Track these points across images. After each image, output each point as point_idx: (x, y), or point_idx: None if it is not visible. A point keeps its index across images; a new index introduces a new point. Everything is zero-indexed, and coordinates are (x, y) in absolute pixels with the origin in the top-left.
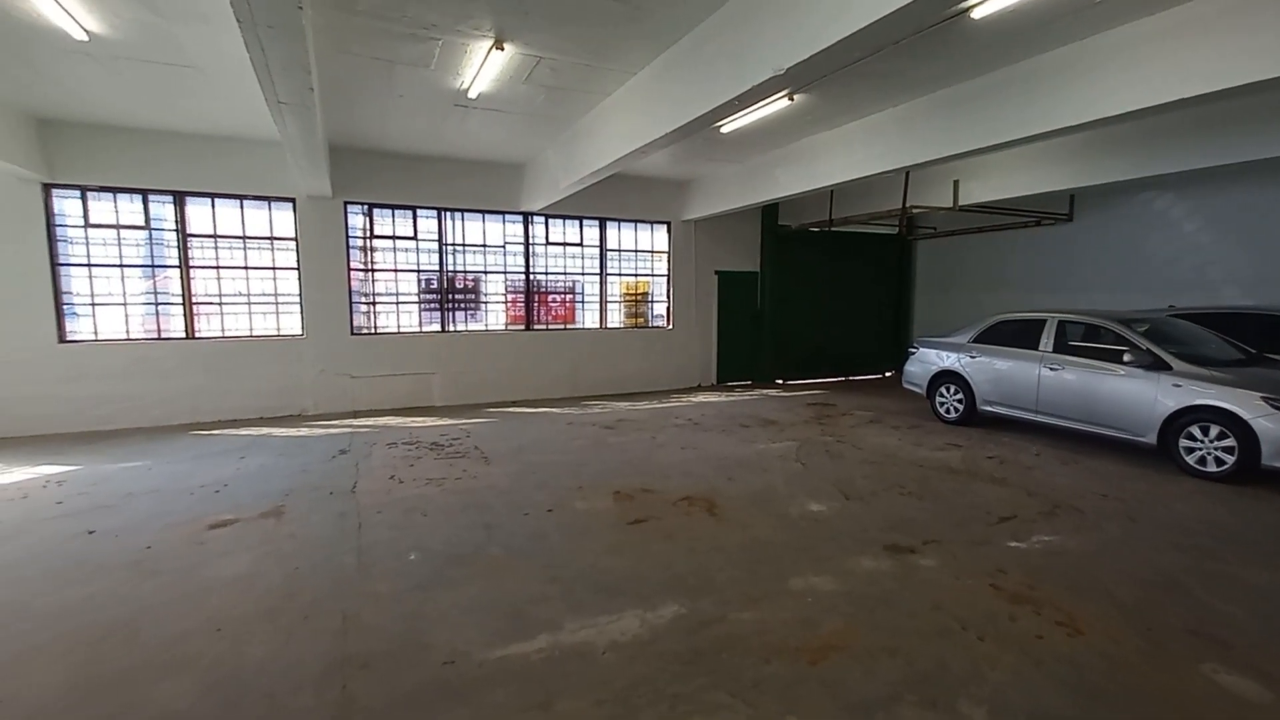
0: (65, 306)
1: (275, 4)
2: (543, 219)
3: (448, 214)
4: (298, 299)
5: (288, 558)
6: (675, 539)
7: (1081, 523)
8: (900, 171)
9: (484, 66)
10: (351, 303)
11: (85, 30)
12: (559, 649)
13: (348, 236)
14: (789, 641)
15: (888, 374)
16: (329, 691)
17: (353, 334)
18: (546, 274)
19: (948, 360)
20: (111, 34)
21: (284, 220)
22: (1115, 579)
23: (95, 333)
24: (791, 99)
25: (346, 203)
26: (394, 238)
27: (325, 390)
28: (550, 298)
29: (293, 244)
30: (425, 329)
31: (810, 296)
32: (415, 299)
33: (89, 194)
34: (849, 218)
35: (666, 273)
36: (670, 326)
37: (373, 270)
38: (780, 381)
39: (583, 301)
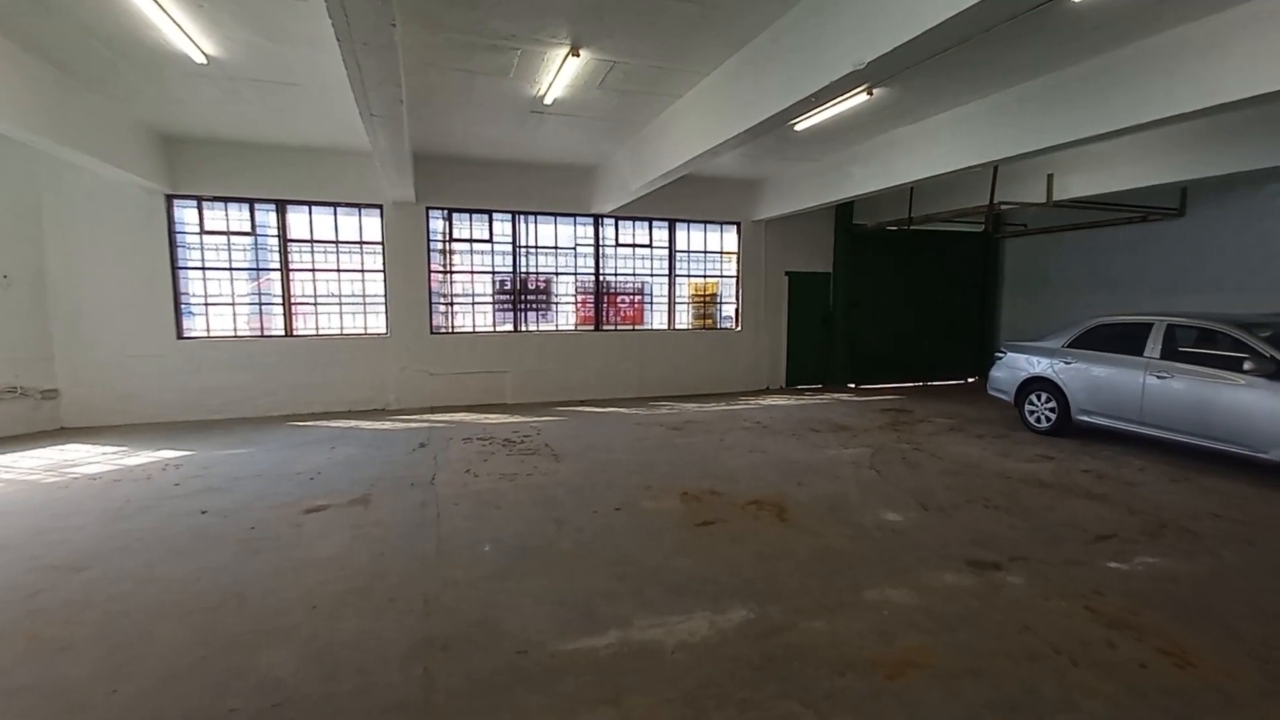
0: (183, 306)
1: (370, 23)
2: (612, 221)
3: (521, 217)
4: (383, 299)
5: (374, 542)
6: (744, 543)
7: (1194, 546)
8: (989, 166)
9: (559, 73)
10: (431, 303)
11: (205, 54)
12: (628, 645)
13: (429, 240)
14: (864, 654)
15: (970, 380)
16: (413, 669)
17: (432, 333)
18: (616, 275)
19: (1039, 366)
20: (227, 57)
21: (372, 225)
22: (1232, 608)
23: (208, 330)
24: (870, 93)
25: (428, 208)
26: (471, 240)
27: (406, 386)
28: (619, 299)
29: (379, 248)
30: (499, 329)
31: (886, 298)
32: (490, 299)
33: (204, 203)
34: (930, 216)
35: (735, 274)
36: (738, 328)
37: (451, 272)
38: (853, 386)
39: (651, 302)
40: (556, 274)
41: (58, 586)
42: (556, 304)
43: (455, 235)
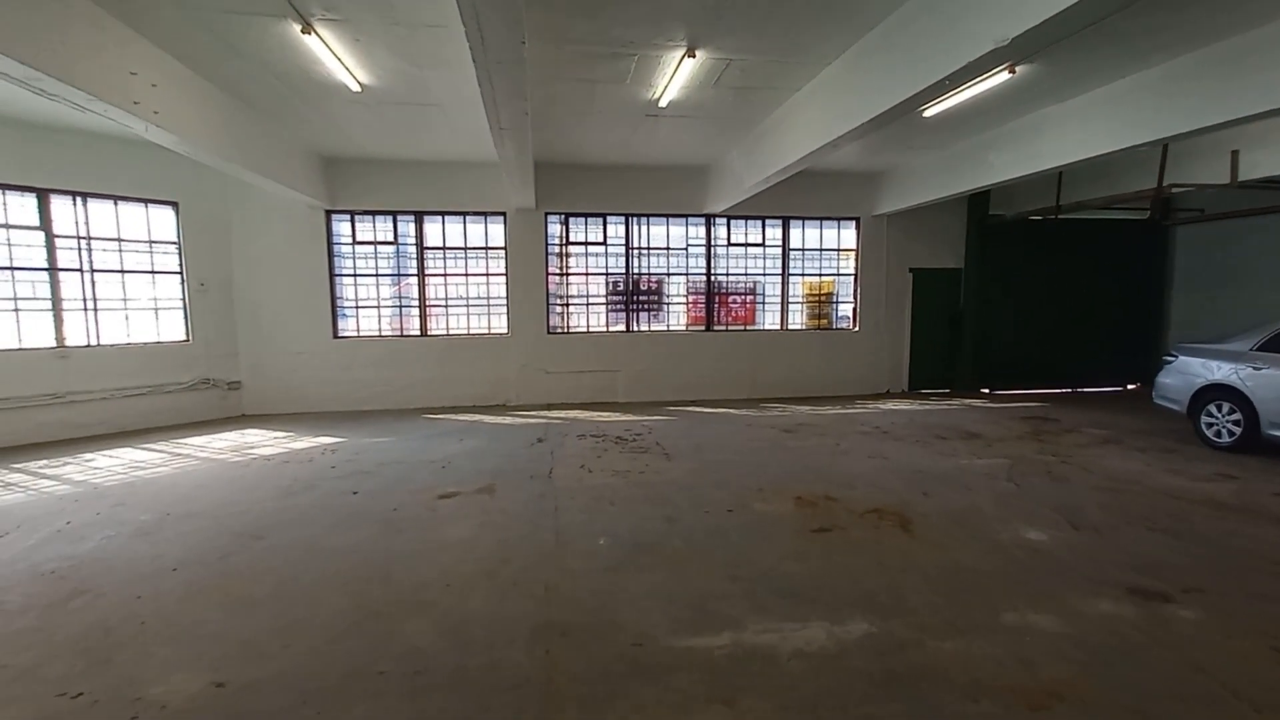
0: (338, 309)
1: (503, 42)
2: (724, 220)
3: (634, 219)
4: (505, 301)
5: (499, 529)
6: (863, 552)
7: None
8: (1156, 145)
9: (675, 75)
10: (548, 304)
11: (360, 83)
12: (742, 648)
13: (547, 244)
14: (1000, 681)
15: (1129, 387)
16: (536, 651)
17: (549, 333)
18: (727, 275)
19: (1219, 372)
20: (378, 84)
21: (496, 232)
22: None
23: (357, 330)
24: (1013, 71)
25: (547, 213)
26: (586, 243)
27: (525, 383)
28: (730, 299)
29: (502, 252)
30: (611, 329)
31: (1026, 295)
32: (603, 300)
33: (356, 217)
34: (1082, 203)
35: (854, 271)
36: (856, 328)
37: (567, 274)
38: (986, 391)
39: (763, 302)
40: (668, 274)
41: (243, 551)
42: (668, 304)
43: (571, 239)
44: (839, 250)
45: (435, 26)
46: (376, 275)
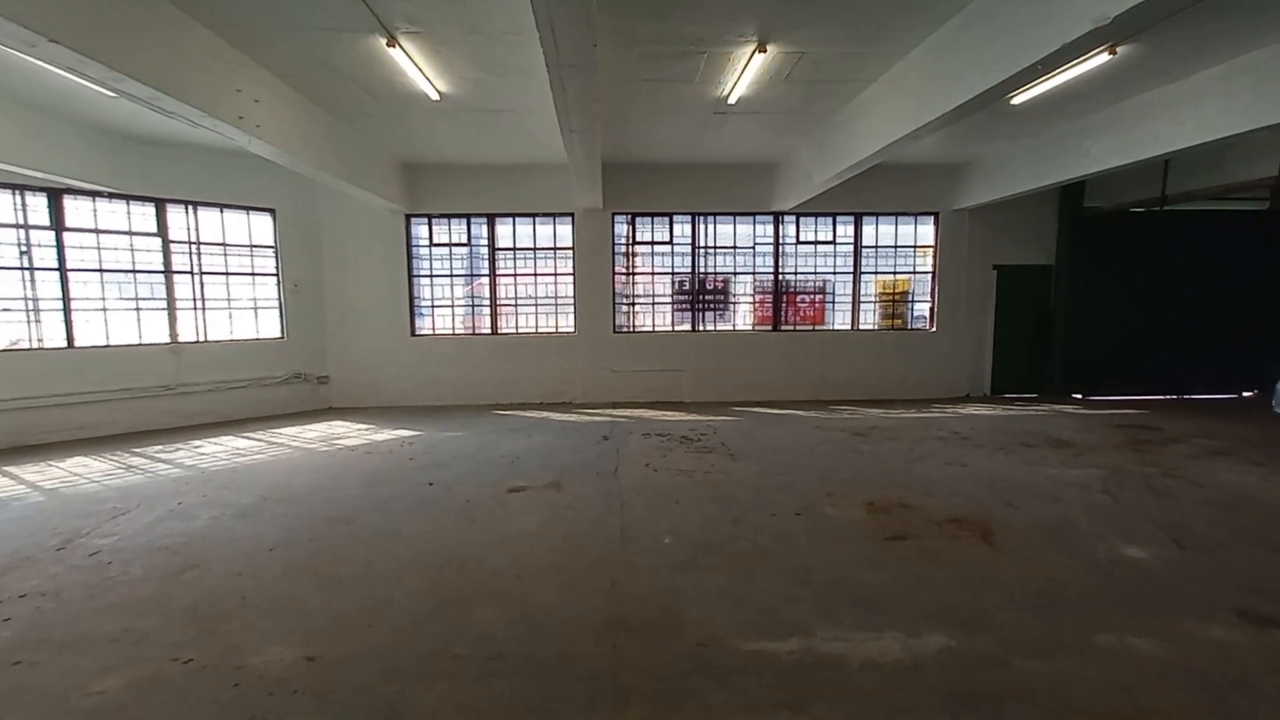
0: (415, 308)
1: (576, 46)
2: (793, 218)
3: (701, 218)
4: (572, 301)
5: (566, 524)
6: (941, 563)
7: None
8: (1278, 130)
9: (745, 71)
10: (615, 303)
11: (439, 92)
12: (811, 655)
13: (613, 244)
14: (1097, 707)
15: (1245, 394)
16: (604, 644)
17: (614, 332)
18: (796, 274)
19: None
20: (456, 92)
21: (564, 232)
22: None
23: (433, 329)
24: (1113, 52)
25: (614, 213)
26: (652, 243)
27: (591, 381)
28: (799, 298)
29: (570, 252)
30: (677, 328)
31: (1124, 292)
32: (669, 300)
33: (433, 220)
34: (1191, 193)
35: (931, 269)
36: (933, 329)
37: (633, 273)
38: (1079, 396)
39: (833, 302)
40: (735, 274)
41: (332, 534)
42: (734, 304)
43: (638, 238)
44: (915, 247)
45: (510, 34)
46: (451, 276)
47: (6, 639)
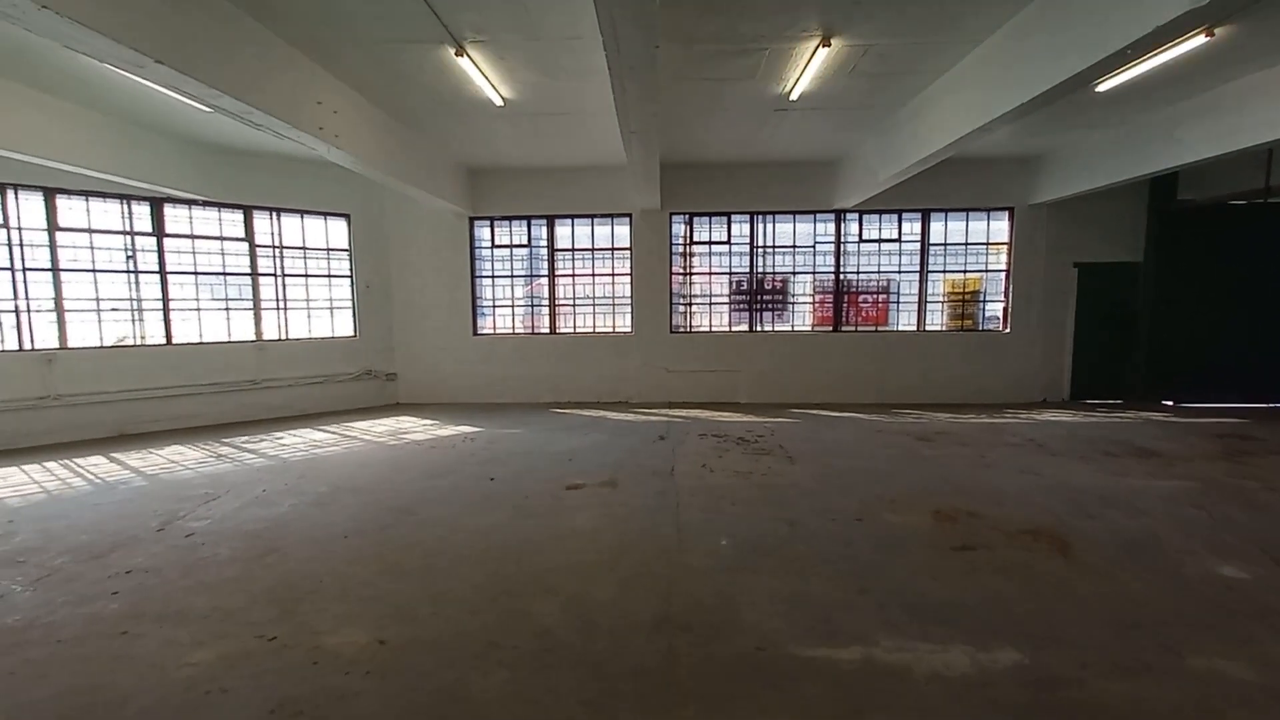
0: (477, 308)
1: (637, 47)
2: (855, 215)
3: (759, 217)
4: (629, 301)
5: (621, 522)
6: (1012, 576)
7: None
8: None
9: (807, 66)
10: (671, 303)
11: (502, 97)
12: (873, 665)
13: (670, 244)
14: None
15: None
16: (658, 643)
17: (671, 332)
18: (858, 273)
19: None
20: (518, 97)
21: (622, 233)
22: None
23: (494, 328)
24: (1210, 34)
25: (671, 213)
26: (709, 243)
27: (646, 381)
28: (861, 298)
29: (628, 253)
30: (734, 329)
31: (1219, 292)
32: (726, 300)
33: (495, 222)
34: None
35: (1005, 267)
36: (1006, 329)
37: (690, 273)
38: (1169, 403)
39: (897, 301)
40: (794, 273)
41: (398, 524)
42: (793, 304)
43: (695, 238)
44: (987, 244)
45: (572, 39)
46: (511, 276)
47: (115, 610)
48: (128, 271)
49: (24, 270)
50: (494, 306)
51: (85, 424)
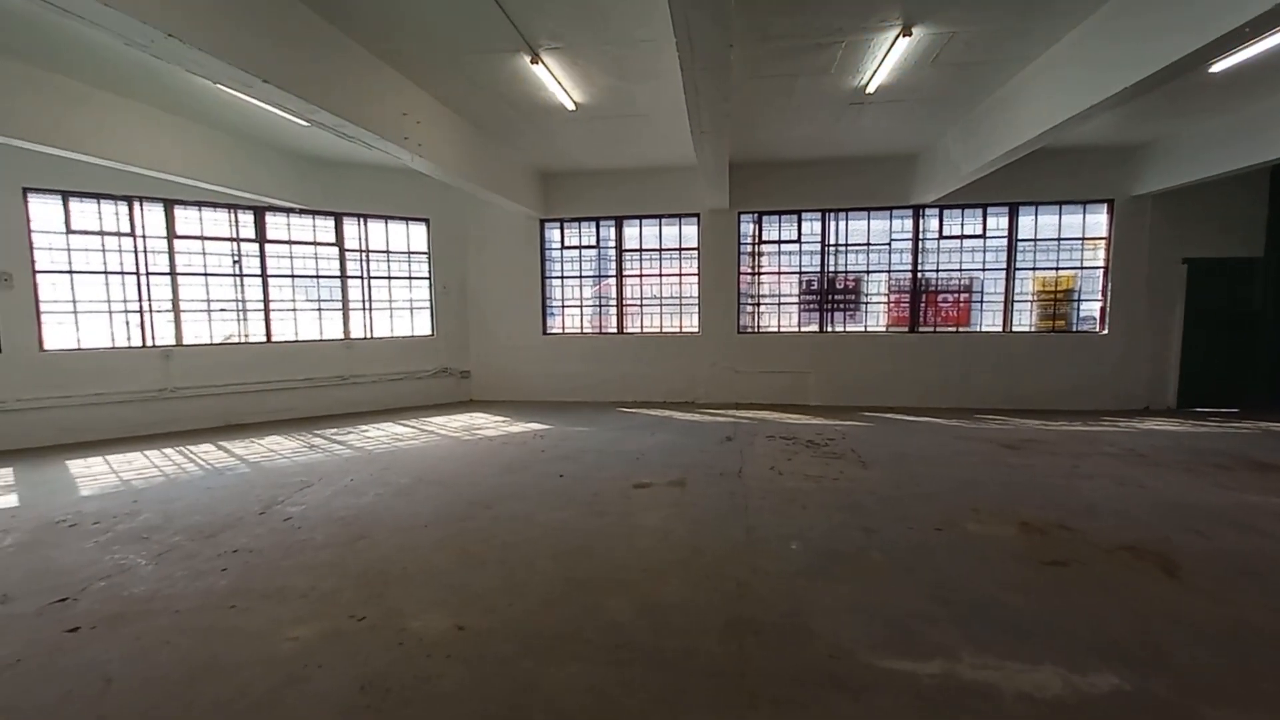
0: (547, 308)
1: (711, 47)
2: (935, 210)
3: (831, 215)
4: (696, 301)
5: (690, 522)
6: (1110, 594)
7: None
8: None
9: (886, 58)
10: (739, 303)
11: (575, 102)
12: (955, 680)
13: (739, 243)
14: None
15: None
16: (729, 644)
17: (739, 332)
18: (937, 271)
19: None
20: (590, 102)
21: (690, 233)
22: None
23: (562, 328)
24: None
25: (740, 212)
26: (779, 242)
27: (714, 382)
28: (940, 297)
29: (695, 252)
30: (803, 329)
31: None
32: (795, 300)
33: (565, 224)
34: None
35: (1103, 263)
36: (1103, 330)
37: (758, 273)
38: None
39: (981, 301)
40: (867, 272)
41: (475, 516)
42: (866, 303)
43: (764, 237)
44: (1083, 239)
45: (644, 41)
46: (580, 277)
47: (224, 586)
48: (234, 275)
49: (147, 274)
50: (563, 307)
51: (197, 415)
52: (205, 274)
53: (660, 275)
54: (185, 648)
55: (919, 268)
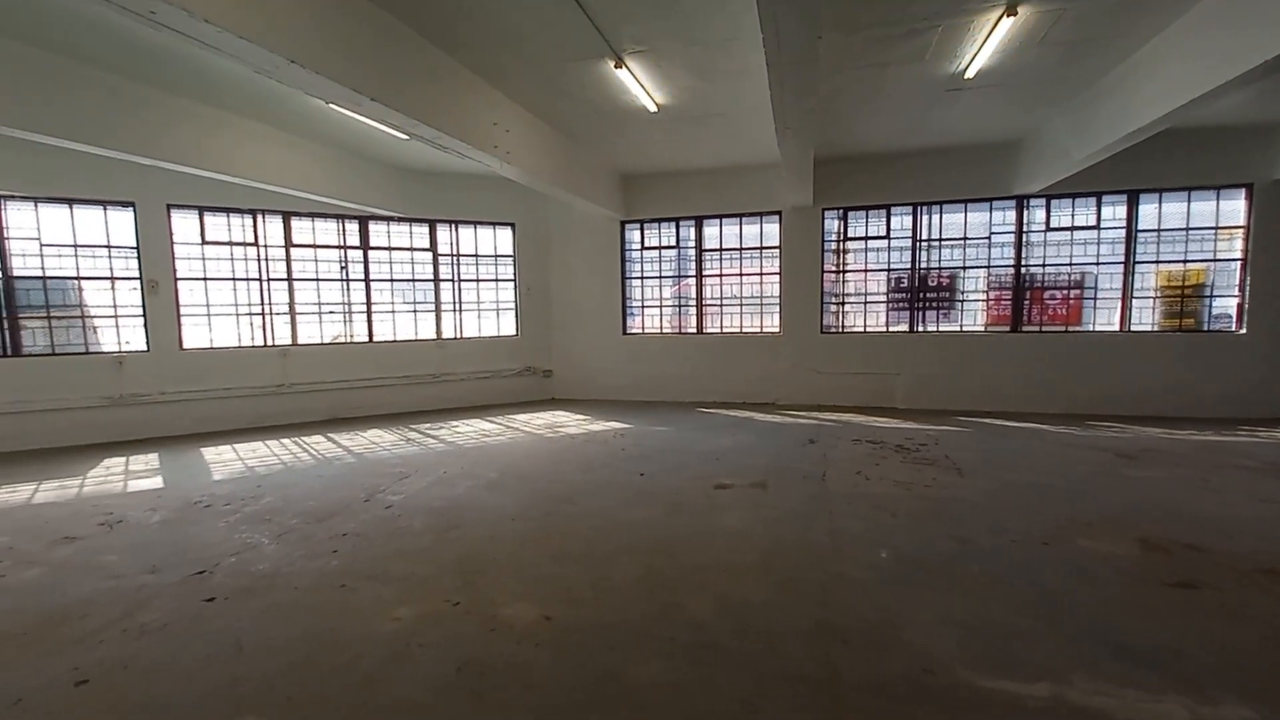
0: (627, 308)
1: (798, 42)
2: (1041, 201)
3: (923, 209)
4: (778, 300)
5: (772, 525)
6: (1245, 622)
7: None
8: None
9: (988, 40)
10: (823, 303)
11: (656, 104)
12: (1065, 705)
13: (823, 240)
14: None
15: None
16: (814, 650)
17: (822, 332)
18: (1044, 265)
19: None
20: (672, 103)
21: (771, 231)
22: None
23: (642, 328)
24: None
25: (824, 209)
26: (865, 238)
27: (795, 383)
28: (1046, 294)
29: (777, 251)
30: (891, 329)
31: None
32: (883, 298)
33: (645, 225)
34: None
35: (1241, 255)
36: (1241, 330)
37: (843, 271)
38: None
39: (1094, 297)
40: (963, 268)
41: (559, 512)
42: (961, 301)
43: (850, 234)
44: (1216, 228)
45: (728, 40)
46: (659, 277)
47: (336, 566)
48: (341, 280)
49: (268, 280)
50: (643, 307)
51: (308, 408)
52: (317, 279)
53: (740, 275)
54: (304, 621)
55: (1023, 262)
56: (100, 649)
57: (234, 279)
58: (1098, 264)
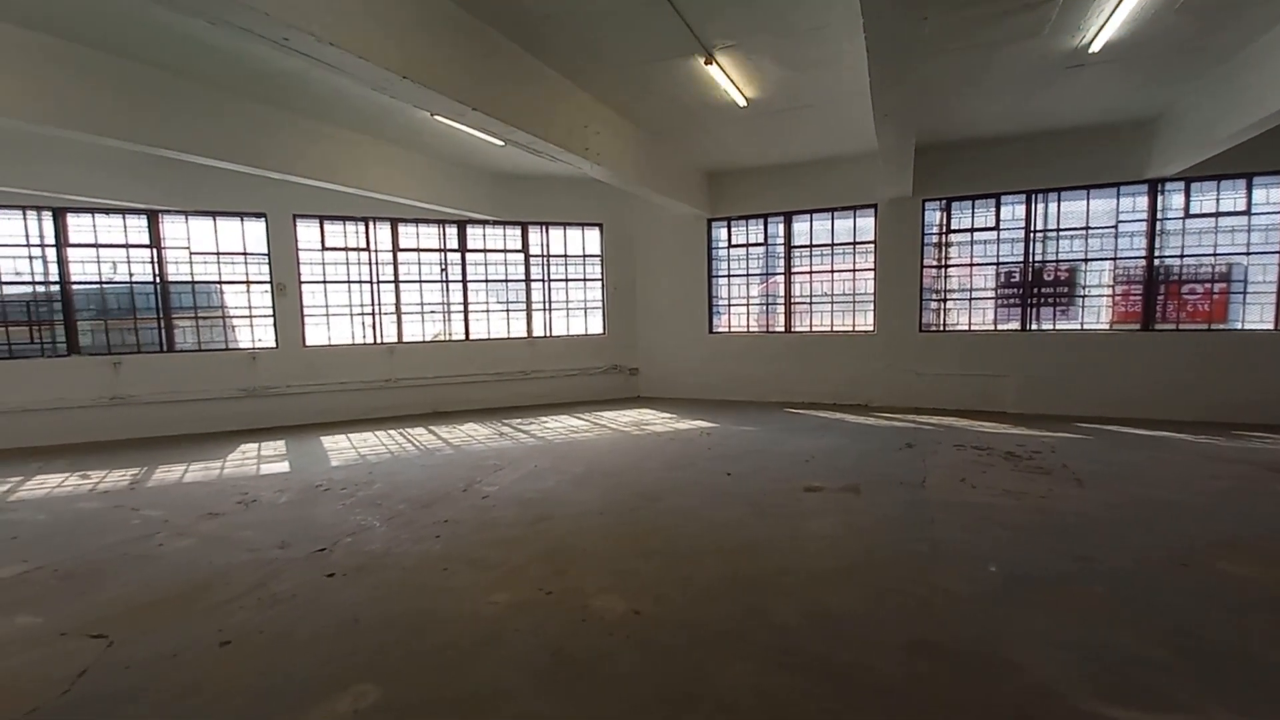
0: (713, 307)
1: (900, 24)
2: (1179, 185)
3: (1038, 196)
4: (872, 297)
5: (865, 532)
6: None
7: None
8: None
9: (1117, 9)
10: (922, 299)
11: (745, 98)
12: None
13: (923, 234)
14: None
15: None
16: (907, 665)
17: (920, 331)
18: (1182, 257)
19: None
20: (761, 96)
21: (865, 225)
22: None
23: (728, 327)
24: None
25: (924, 200)
26: (971, 230)
27: (889, 384)
28: (1185, 288)
29: (871, 246)
30: (1000, 327)
31: None
32: (991, 294)
33: (731, 222)
34: None
35: None
36: None
37: (945, 266)
38: None
39: (1243, 292)
40: (1085, 260)
41: (644, 508)
42: (1083, 297)
43: (953, 226)
44: None
45: (818, 28)
46: (747, 275)
47: (439, 550)
48: (441, 281)
49: (377, 282)
50: (729, 305)
51: (412, 402)
52: (419, 280)
53: (831, 271)
54: (411, 599)
55: (1156, 253)
56: (240, 614)
57: (348, 281)
58: (1248, 254)
